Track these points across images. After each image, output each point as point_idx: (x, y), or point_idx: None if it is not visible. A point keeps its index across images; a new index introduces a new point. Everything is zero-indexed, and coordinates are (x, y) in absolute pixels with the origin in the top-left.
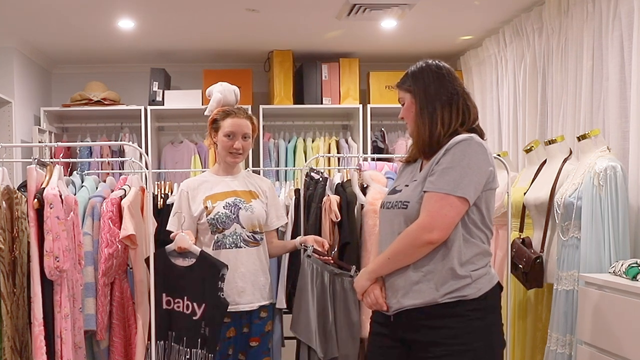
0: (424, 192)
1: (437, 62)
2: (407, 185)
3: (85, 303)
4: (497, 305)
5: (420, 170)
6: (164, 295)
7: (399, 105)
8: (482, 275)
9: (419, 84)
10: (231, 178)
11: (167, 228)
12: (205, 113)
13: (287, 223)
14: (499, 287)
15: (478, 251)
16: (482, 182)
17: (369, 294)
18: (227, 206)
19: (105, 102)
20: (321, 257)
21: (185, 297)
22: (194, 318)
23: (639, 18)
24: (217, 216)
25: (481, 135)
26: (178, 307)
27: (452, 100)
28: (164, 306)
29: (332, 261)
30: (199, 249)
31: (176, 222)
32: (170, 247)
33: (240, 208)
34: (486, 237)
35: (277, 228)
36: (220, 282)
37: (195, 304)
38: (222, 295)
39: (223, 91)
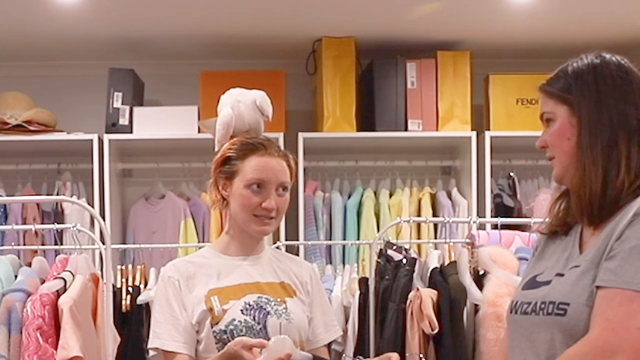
0: (597, 287)
1: (619, 59)
2: (560, 275)
3: None
4: None
5: (581, 248)
6: None
7: (538, 132)
8: None
9: (588, 92)
10: (251, 261)
11: (153, 346)
12: (217, 138)
13: (342, 336)
14: None
15: None
16: None
17: None
18: (247, 310)
19: (31, 128)
20: None
21: None
22: None
23: None
24: (231, 327)
25: None
26: None
27: None
28: None
29: None
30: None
31: (172, 330)
32: None
33: (268, 313)
34: None
35: (329, 344)
36: None
37: None
38: None
39: (237, 105)
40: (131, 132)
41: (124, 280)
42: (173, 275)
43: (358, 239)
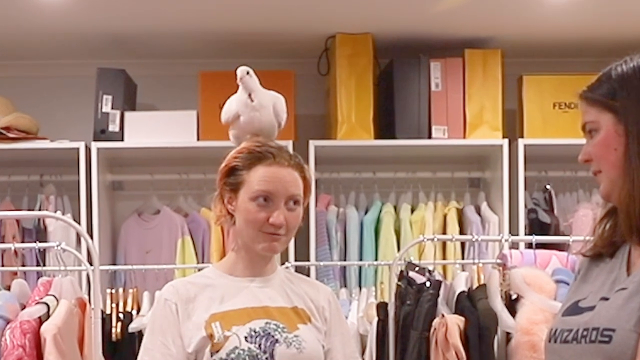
0: None
1: None
2: (605, 299)
3: None
4: None
5: (629, 270)
6: None
7: (581, 141)
8: None
9: (636, 97)
10: (259, 282)
11: None
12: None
13: None
14: None
15: None
16: None
17: None
18: (252, 337)
19: (11, 135)
20: None
21: None
22: None
23: None
24: (233, 356)
25: None
26: None
27: None
28: None
29: None
30: None
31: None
32: None
33: (277, 341)
34: None
35: None
36: None
37: None
38: None
39: (252, 104)
40: (122, 140)
41: (114, 305)
42: (170, 298)
43: (376, 260)
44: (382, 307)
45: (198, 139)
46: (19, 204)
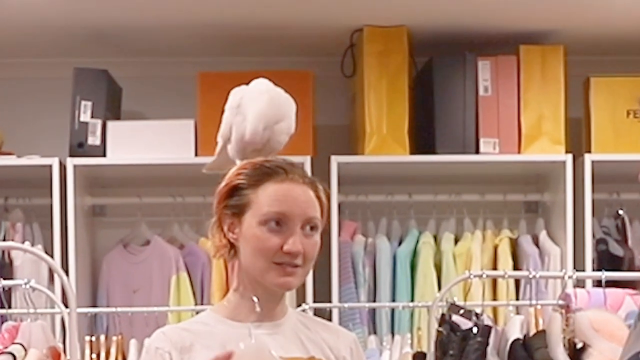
0: None
1: None
2: None
3: None
4: None
5: None
6: None
7: None
8: None
9: None
10: (268, 328)
11: None
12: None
13: None
14: None
15: None
16: None
17: None
18: None
19: None
20: None
21: None
22: None
23: None
24: None
25: None
26: None
27: None
28: None
29: None
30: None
31: None
32: None
33: None
34: None
35: None
36: None
37: None
38: None
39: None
40: (104, 156)
41: (94, 355)
42: (163, 346)
43: (412, 300)
44: (419, 358)
45: (196, 155)
46: None
